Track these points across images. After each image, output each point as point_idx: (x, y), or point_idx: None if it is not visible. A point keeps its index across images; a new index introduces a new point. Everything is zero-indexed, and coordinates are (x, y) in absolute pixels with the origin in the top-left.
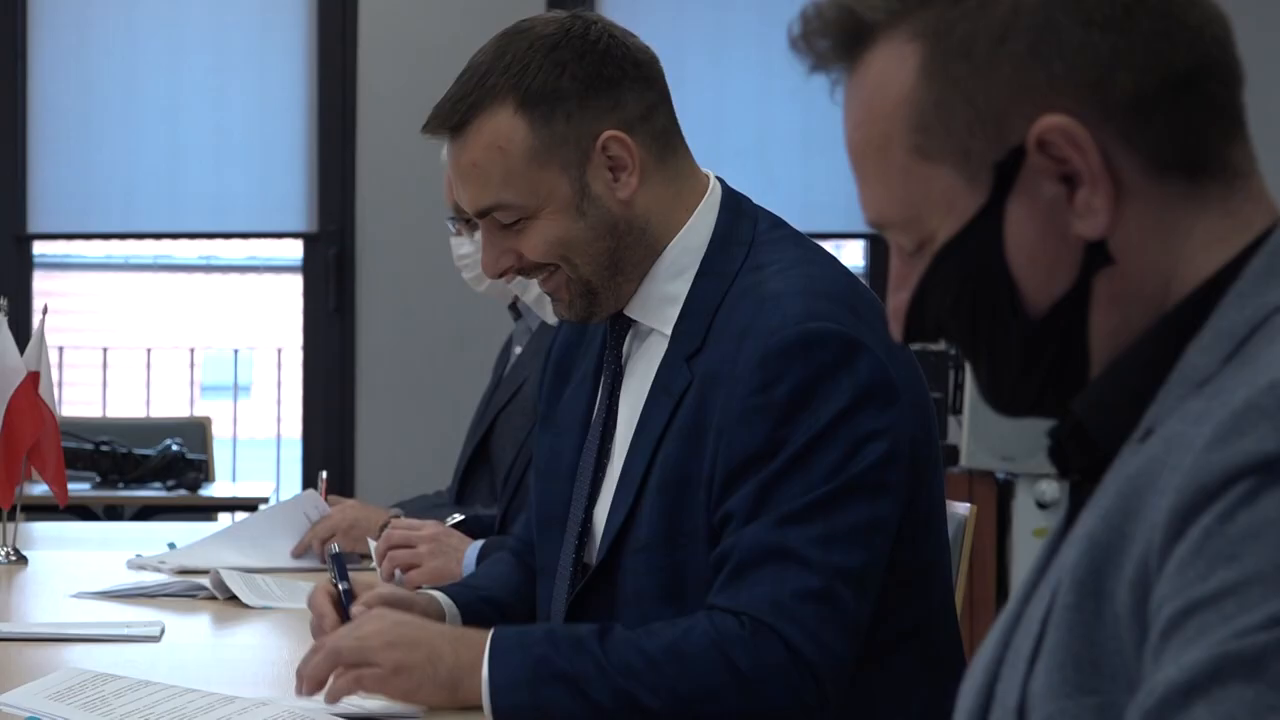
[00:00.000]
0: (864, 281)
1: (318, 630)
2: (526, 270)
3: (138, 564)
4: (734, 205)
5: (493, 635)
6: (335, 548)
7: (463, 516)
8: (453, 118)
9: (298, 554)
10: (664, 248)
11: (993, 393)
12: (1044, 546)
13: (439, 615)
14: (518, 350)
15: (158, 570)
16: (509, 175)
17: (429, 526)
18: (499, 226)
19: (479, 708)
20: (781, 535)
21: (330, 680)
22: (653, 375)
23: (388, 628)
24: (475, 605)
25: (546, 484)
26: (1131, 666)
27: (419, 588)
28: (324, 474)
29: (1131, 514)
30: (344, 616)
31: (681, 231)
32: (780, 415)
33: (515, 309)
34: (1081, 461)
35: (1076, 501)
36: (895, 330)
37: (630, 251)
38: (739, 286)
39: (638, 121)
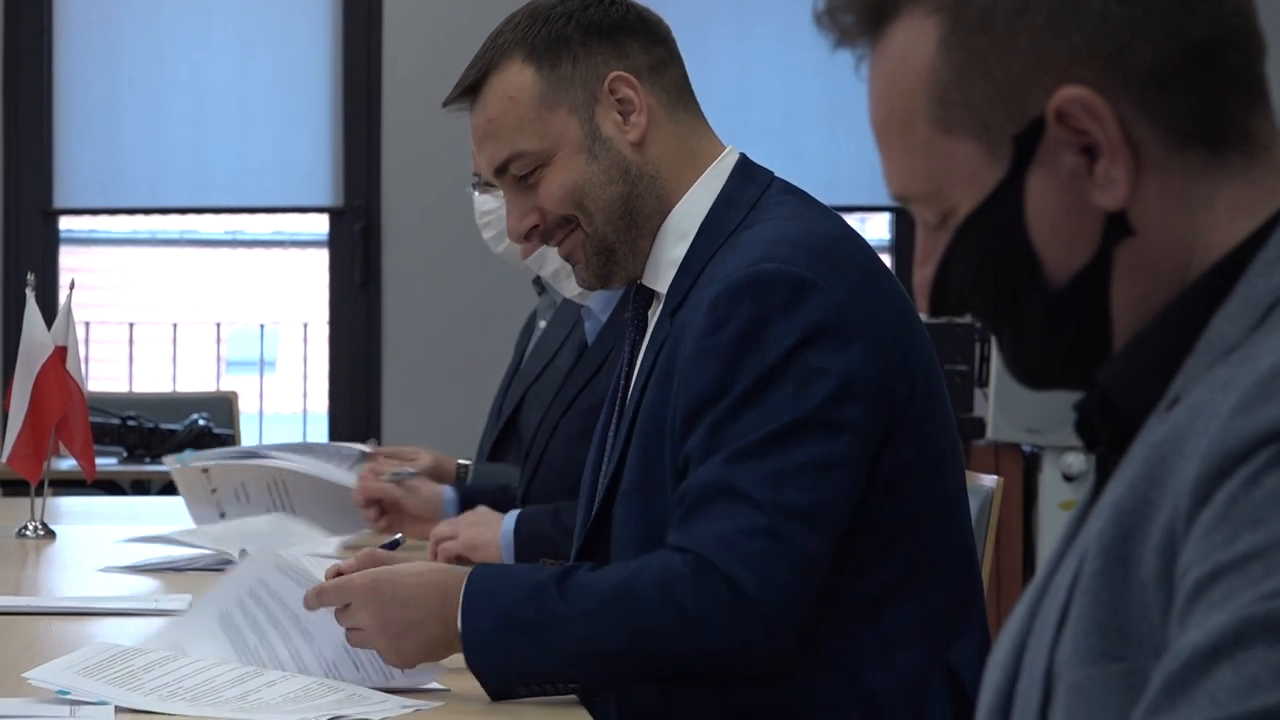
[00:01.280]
0: (876, 249)
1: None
2: (548, 230)
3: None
4: (744, 172)
5: (467, 576)
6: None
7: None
8: (468, 82)
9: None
10: (672, 206)
11: (1017, 365)
12: (1071, 517)
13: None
14: (542, 324)
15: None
16: (521, 122)
17: (467, 515)
18: (518, 184)
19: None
20: (731, 473)
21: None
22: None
23: (378, 609)
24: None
25: (590, 452)
26: (1158, 633)
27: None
28: (371, 444)
29: (1158, 481)
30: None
31: (688, 194)
32: (730, 355)
33: (539, 283)
34: (1108, 432)
35: (1103, 472)
36: (922, 304)
37: (641, 201)
38: (730, 244)
39: (645, 71)
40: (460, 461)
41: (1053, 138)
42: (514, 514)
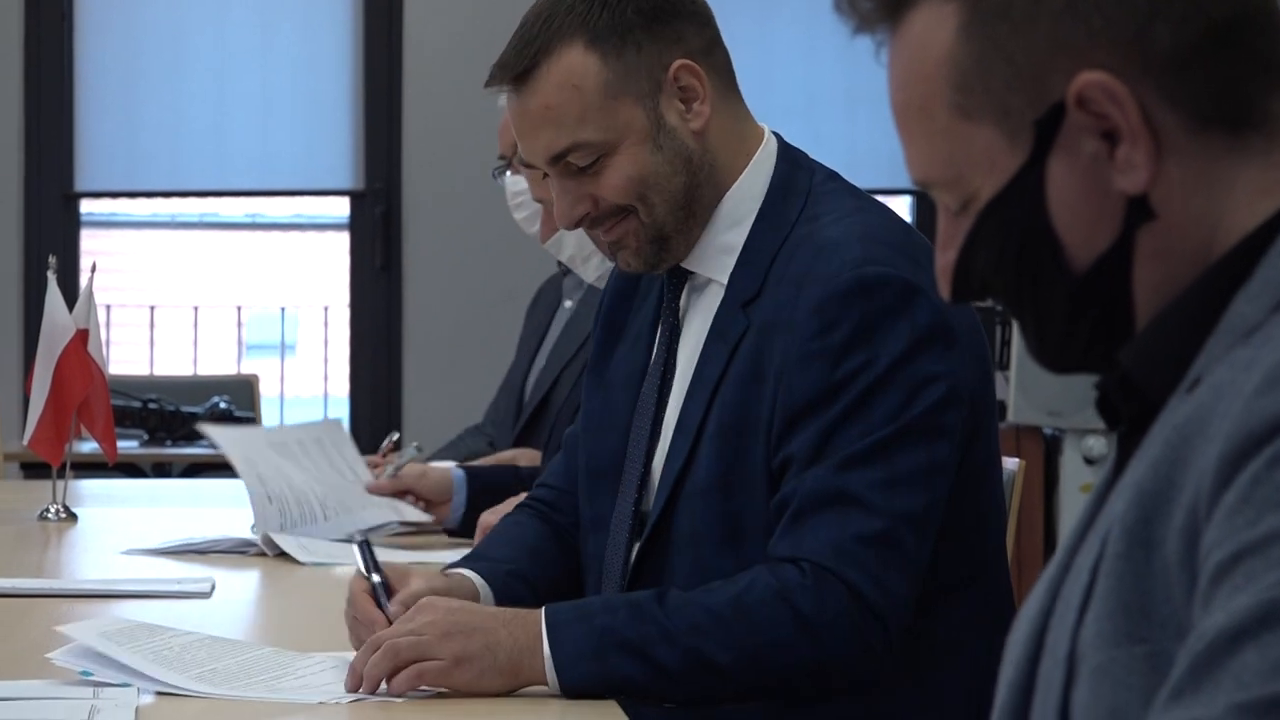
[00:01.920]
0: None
1: (364, 631)
2: (601, 217)
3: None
4: (791, 157)
5: (547, 612)
6: (359, 536)
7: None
8: (520, 65)
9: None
10: (725, 192)
11: (1039, 350)
12: (1091, 497)
13: (473, 596)
14: (568, 304)
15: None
16: (585, 112)
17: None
18: (574, 172)
19: (539, 689)
20: (842, 479)
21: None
22: (709, 325)
23: (441, 618)
24: (505, 581)
25: (597, 438)
26: (1181, 615)
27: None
28: (395, 435)
29: (1180, 462)
30: (379, 607)
31: (739, 180)
32: (839, 359)
33: (562, 265)
34: (1129, 412)
35: (1124, 452)
36: (943, 290)
37: (701, 190)
38: (796, 235)
39: (701, 54)
40: (469, 465)
41: (1073, 123)
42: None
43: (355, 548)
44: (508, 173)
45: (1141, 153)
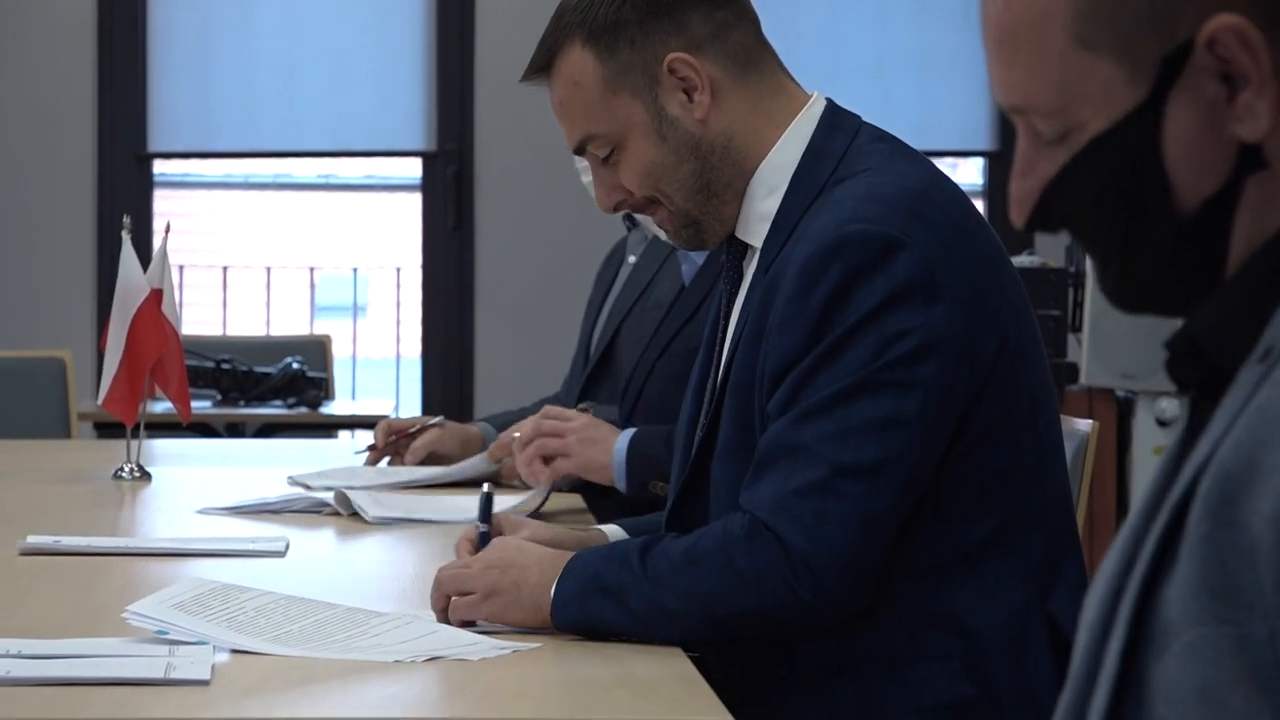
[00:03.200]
0: (964, 191)
1: None
2: (636, 205)
3: (298, 480)
4: (831, 120)
5: (573, 556)
6: (486, 488)
7: (588, 405)
8: (538, 62)
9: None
10: (755, 166)
11: (1121, 288)
12: (1164, 461)
13: None
14: (632, 259)
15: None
16: (589, 108)
17: (579, 418)
18: (600, 161)
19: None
20: (796, 431)
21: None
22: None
23: (489, 554)
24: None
25: (684, 406)
26: (1269, 599)
27: (563, 480)
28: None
29: (1263, 444)
30: None
31: (773, 149)
32: (816, 319)
33: (630, 219)
34: (1198, 378)
35: (1195, 417)
36: (1018, 217)
37: (717, 172)
38: (823, 198)
39: (707, 41)
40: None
41: (1198, 63)
42: (627, 433)
43: (480, 498)
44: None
45: (1265, 101)
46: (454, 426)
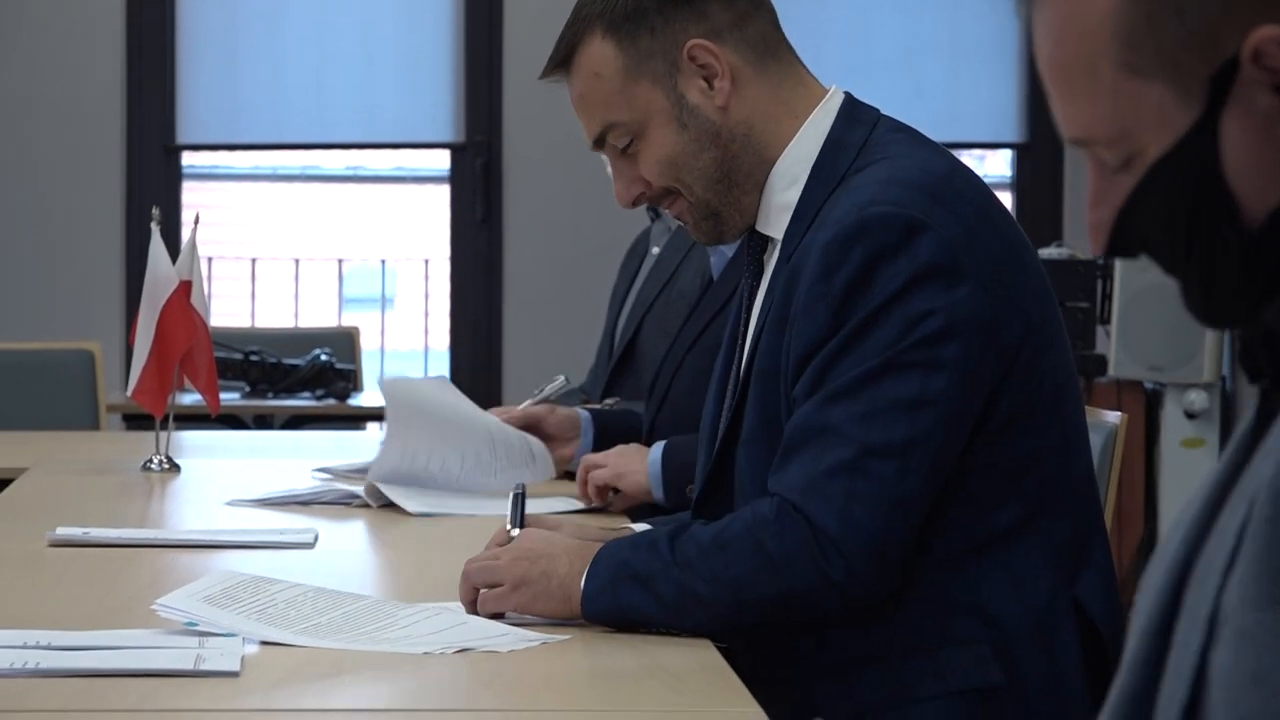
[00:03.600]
0: (995, 187)
1: None
2: (655, 197)
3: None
4: (850, 112)
5: (602, 546)
6: (520, 487)
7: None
8: (558, 57)
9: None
10: (775, 157)
11: (1204, 306)
12: (1232, 452)
13: None
14: (655, 251)
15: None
16: (609, 97)
17: (611, 454)
18: (619, 154)
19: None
20: (824, 413)
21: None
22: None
23: (519, 545)
24: None
25: (708, 398)
26: None
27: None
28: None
29: None
30: None
31: (793, 141)
32: (840, 301)
33: (654, 210)
34: (1272, 370)
35: (1265, 409)
36: (1096, 246)
37: (738, 161)
38: (843, 186)
39: (727, 30)
40: (592, 406)
41: (1247, 77)
42: (661, 443)
43: (512, 498)
44: None
45: None
46: (562, 411)
